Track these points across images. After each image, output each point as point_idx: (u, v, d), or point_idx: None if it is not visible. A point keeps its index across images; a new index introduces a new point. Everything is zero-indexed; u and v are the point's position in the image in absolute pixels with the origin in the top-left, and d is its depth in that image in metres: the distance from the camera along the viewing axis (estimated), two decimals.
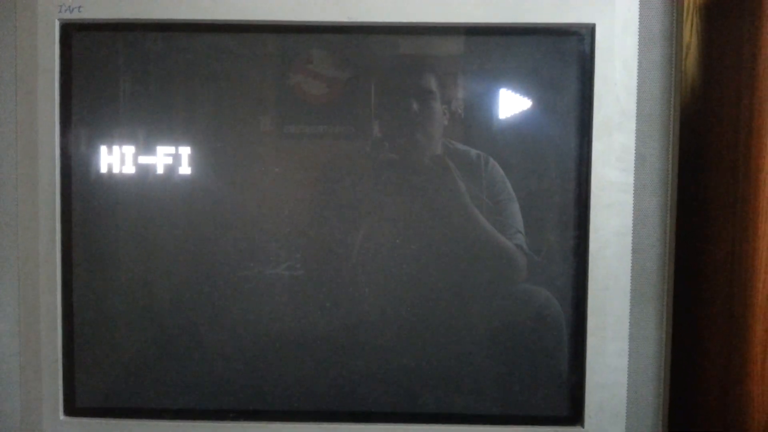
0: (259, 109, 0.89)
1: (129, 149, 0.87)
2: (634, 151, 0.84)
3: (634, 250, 0.85)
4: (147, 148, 0.88)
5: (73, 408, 0.87)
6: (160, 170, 0.87)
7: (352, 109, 0.88)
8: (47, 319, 0.86)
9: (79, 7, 0.83)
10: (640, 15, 0.83)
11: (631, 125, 0.84)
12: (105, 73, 0.86)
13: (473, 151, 0.88)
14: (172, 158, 0.87)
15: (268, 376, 0.89)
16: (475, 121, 0.90)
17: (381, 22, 0.84)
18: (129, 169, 0.87)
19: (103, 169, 0.87)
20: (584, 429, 0.86)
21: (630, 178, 0.84)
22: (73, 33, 0.84)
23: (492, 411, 0.88)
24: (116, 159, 0.87)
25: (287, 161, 0.89)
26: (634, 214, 0.84)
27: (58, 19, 0.83)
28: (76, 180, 0.86)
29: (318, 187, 0.89)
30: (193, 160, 0.88)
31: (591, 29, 0.83)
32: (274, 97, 0.89)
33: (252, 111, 0.89)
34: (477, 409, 0.88)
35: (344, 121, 0.88)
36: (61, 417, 0.87)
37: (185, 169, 0.87)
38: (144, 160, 0.87)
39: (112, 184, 0.87)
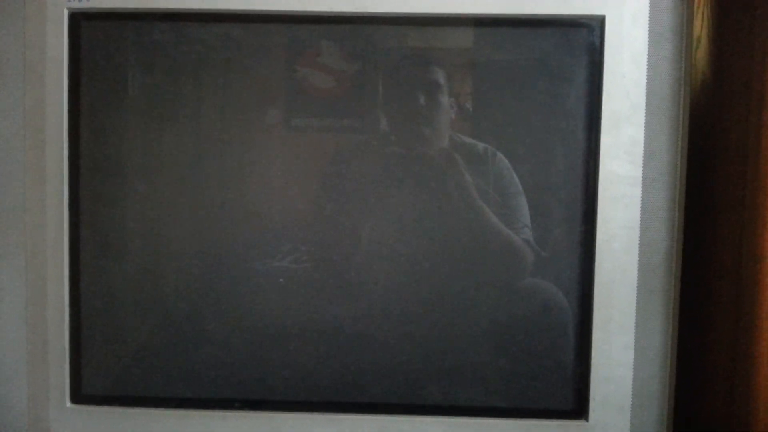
0: (267, 101, 0.89)
1: (136, 138, 0.88)
2: (643, 145, 0.83)
3: (642, 244, 0.84)
4: (155, 137, 0.88)
5: (79, 396, 0.88)
6: (167, 160, 0.87)
7: (360, 102, 0.88)
8: (54, 307, 0.86)
9: None
10: (651, 7, 0.82)
11: (640, 119, 0.83)
12: (113, 62, 0.86)
13: (480, 145, 0.87)
14: (180, 148, 0.87)
15: (273, 366, 0.89)
16: (482, 114, 0.89)
17: (389, 13, 0.83)
18: (136, 159, 0.87)
19: (111, 159, 0.87)
20: (588, 423, 0.86)
21: (638, 172, 0.84)
22: (81, 22, 0.84)
23: (497, 403, 0.88)
24: (124, 148, 0.87)
25: (294, 154, 0.89)
26: (642, 207, 0.84)
27: (67, 8, 0.83)
28: (84, 169, 0.86)
29: (324, 180, 0.89)
30: (201, 151, 0.88)
31: (600, 21, 0.82)
32: (282, 90, 0.89)
33: (260, 103, 0.89)
34: (482, 401, 0.88)
35: (351, 114, 0.88)
36: (68, 405, 0.87)
37: (193, 160, 0.88)
38: (151, 149, 0.88)
39: (120, 173, 0.88)
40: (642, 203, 0.84)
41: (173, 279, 0.90)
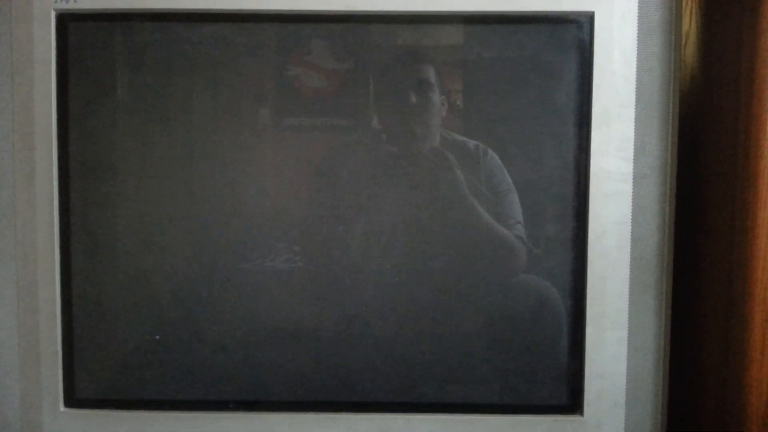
0: (258, 101, 0.89)
1: (126, 140, 0.87)
2: (634, 141, 0.84)
3: (634, 240, 0.85)
4: (144, 139, 0.87)
5: (73, 400, 0.88)
6: (157, 161, 0.87)
7: (351, 102, 0.88)
8: (46, 310, 0.86)
9: None
10: (639, 3, 0.82)
11: (630, 114, 0.83)
12: (102, 63, 0.86)
13: (471, 142, 0.88)
14: (170, 149, 0.87)
15: (267, 366, 0.89)
16: (472, 111, 0.89)
17: (379, 11, 0.83)
18: (126, 161, 0.87)
19: (101, 160, 0.87)
20: (583, 418, 0.86)
21: (629, 168, 0.84)
22: (69, 23, 0.84)
23: (491, 400, 0.88)
24: (113, 150, 0.87)
25: (286, 154, 0.89)
26: (633, 203, 0.84)
27: (54, 9, 0.83)
28: (74, 171, 0.86)
29: (316, 180, 0.88)
30: (191, 152, 0.87)
31: (590, 17, 0.82)
32: (272, 89, 0.89)
33: (250, 103, 0.88)
34: (476, 398, 0.88)
35: (343, 113, 0.88)
36: (62, 409, 0.87)
37: (183, 161, 0.87)
38: (141, 151, 0.87)
39: (110, 175, 0.87)
40: (633, 199, 0.84)
41: (165, 280, 0.90)
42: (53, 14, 0.83)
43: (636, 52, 0.83)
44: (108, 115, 0.87)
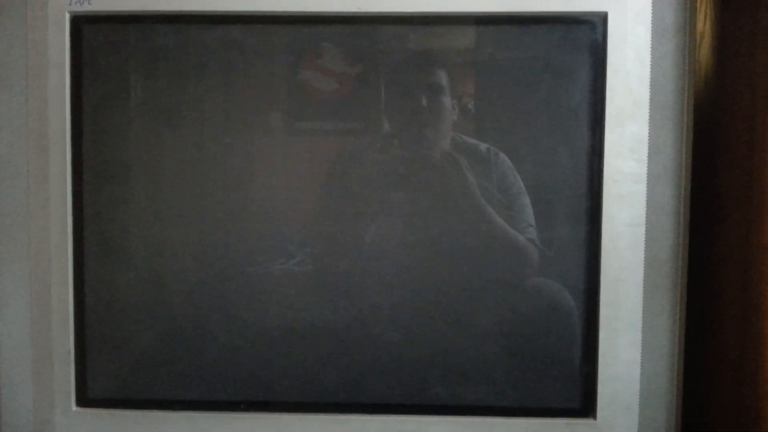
0: (270, 104, 0.89)
1: (139, 142, 0.88)
2: (648, 142, 0.83)
3: (648, 241, 0.84)
4: (157, 141, 0.88)
5: (85, 399, 0.88)
6: (170, 164, 0.87)
7: (362, 105, 0.88)
8: (59, 310, 0.86)
9: None
10: (653, 3, 0.82)
11: (644, 115, 0.83)
12: (115, 65, 0.86)
13: (483, 145, 0.87)
14: (183, 152, 0.87)
15: (278, 368, 0.89)
16: (485, 114, 0.89)
17: (390, 12, 0.83)
18: (139, 163, 0.88)
19: (114, 162, 0.87)
20: (596, 421, 0.86)
21: (643, 169, 0.83)
22: (83, 26, 0.85)
23: (504, 403, 0.88)
24: (127, 153, 0.87)
25: (297, 157, 0.89)
26: (647, 204, 0.84)
27: (69, 12, 0.84)
28: (87, 173, 0.87)
29: (327, 183, 0.88)
30: (204, 155, 0.88)
31: (603, 18, 0.82)
32: (284, 93, 0.89)
33: (262, 106, 0.89)
34: (489, 400, 0.88)
35: (354, 116, 0.88)
36: (74, 408, 0.87)
37: (196, 164, 0.88)
38: (154, 153, 0.88)
39: (123, 178, 0.88)
40: (647, 200, 0.84)
41: (177, 281, 0.90)
42: (67, 16, 0.84)
43: (650, 53, 0.82)
44: (121, 117, 0.87)
